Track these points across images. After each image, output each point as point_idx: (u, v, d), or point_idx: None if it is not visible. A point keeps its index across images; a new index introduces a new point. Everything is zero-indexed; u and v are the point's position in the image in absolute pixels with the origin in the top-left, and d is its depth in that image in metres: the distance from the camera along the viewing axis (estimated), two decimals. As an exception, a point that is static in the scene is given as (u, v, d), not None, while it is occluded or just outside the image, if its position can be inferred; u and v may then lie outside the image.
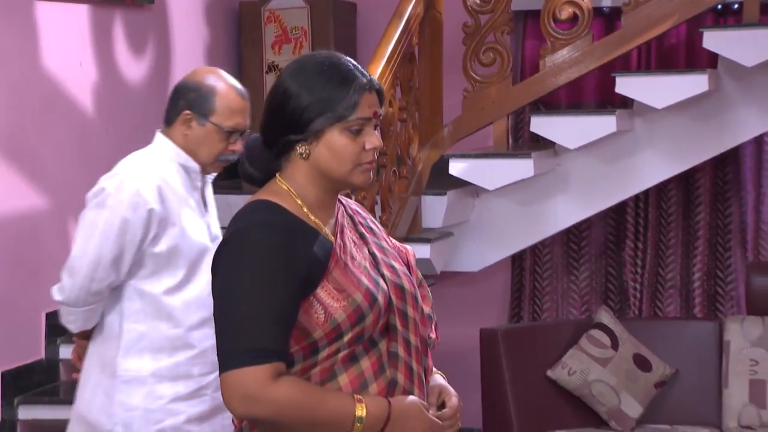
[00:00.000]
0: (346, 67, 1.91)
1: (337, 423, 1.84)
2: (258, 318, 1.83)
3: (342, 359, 1.88)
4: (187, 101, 2.70)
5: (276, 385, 1.81)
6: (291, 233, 1.86)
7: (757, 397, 4.34)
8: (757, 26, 4.30)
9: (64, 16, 4.15)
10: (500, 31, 4.58)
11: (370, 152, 1.91)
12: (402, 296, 1.95)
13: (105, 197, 2.66)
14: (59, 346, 3.98)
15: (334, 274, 1.88)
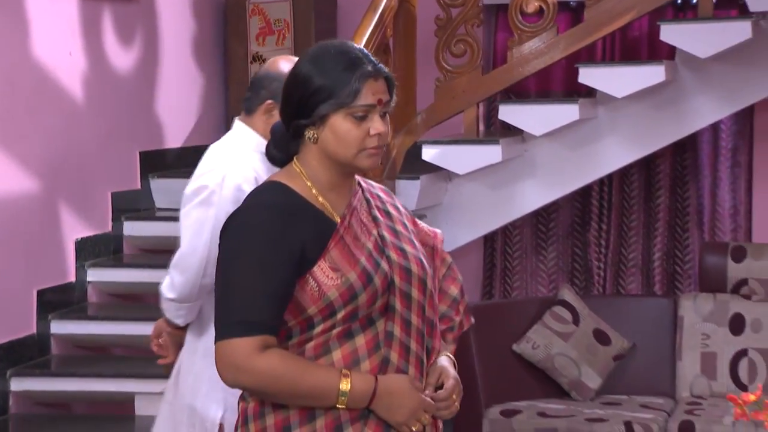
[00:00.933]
0: (353, 55, 1.88)
1: (321, 396, 1.82)
2: (250, 293, 1.82)
3: (337, 335, 1.86)
4: (270, 91, 2.59)
5: (261, 356, 1.80)
6: (291, 214, 1.86)
7: (708, 369, 4.36)
8: (710, 20, 4.30)
9: (54, 8, 4.12)
10: (470, 23, 4.55)
11: (374, 138, 1.86)
12: (407, 278, 1.90)
13: (209, 195, 2.54)
14: (50, 322, 3.97)
15: (332, 254, 1.85)
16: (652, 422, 4.02)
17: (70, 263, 4.15)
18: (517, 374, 4.38)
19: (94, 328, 4.04)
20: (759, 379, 4.27)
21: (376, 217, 1.95)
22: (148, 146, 4.75)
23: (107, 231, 4.38)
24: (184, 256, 2.56)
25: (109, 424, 3.77)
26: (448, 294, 2.04)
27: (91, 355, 4.12)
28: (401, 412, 1.84)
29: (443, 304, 2.03)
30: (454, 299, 2.04)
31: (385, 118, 1.89)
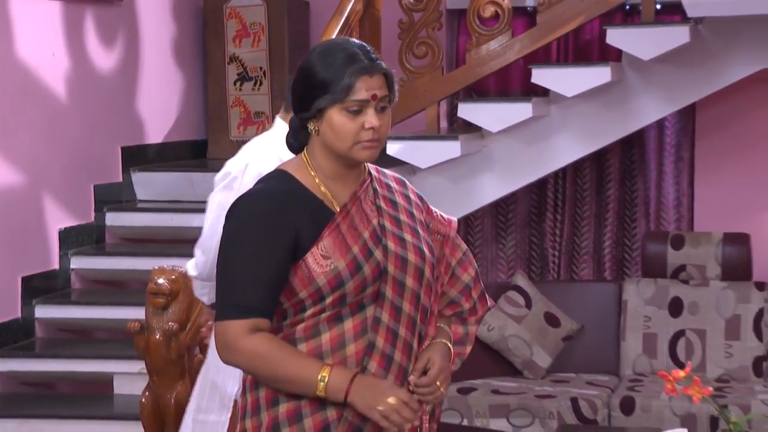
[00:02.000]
0: (350, 51, 1.84)
1: (300, 381, 1.79)
2: (244, 278, 1.81)
3: (326, 318, 1.83)
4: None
5: (248, 338, 1.79)
6: (288, 202, 1.84)
7: (649, 349, 4.39)
8: (652, 25, 4.31)
9: (37, 11, 4.09)
10: (431, 27, 4.56)
11: (369, 131, 1.82)
12: (403, 267, 1.86)
13: (231, 180, 2.54)
14: (34, 307, 3.96)
15: (325, 242, 1.82)
16: (596, 398, 4.05)
17: (53, 251, 4.14)
18: (473, 354, 4.28)
19: (76, 312, 4.04)
20: (695, 358, 4.31)
21: (380, 207, 1.89)
22: (130, 142, 4.74)
23: (90, 221, 4.37)
24: (206, 237, 2.55)
25: (90, 402, 3.76)
26: (461, 280, 1.98)
27: (74, 337, 4.11)
28: (378, 402, 1.77)
29: (454, 290, 1.97)
30: (466, 285, 1.98)
31: (384, 112, 1.85)
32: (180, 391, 2.71)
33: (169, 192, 4.68)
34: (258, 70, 5.21)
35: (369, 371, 1.81)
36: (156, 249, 4.33)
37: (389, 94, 1.86)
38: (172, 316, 2.68)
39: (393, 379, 1.83)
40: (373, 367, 1.81)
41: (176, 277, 2.72)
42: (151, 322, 2.69)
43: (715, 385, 4.13)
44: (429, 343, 1.90)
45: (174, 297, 2.69)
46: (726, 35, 4.38)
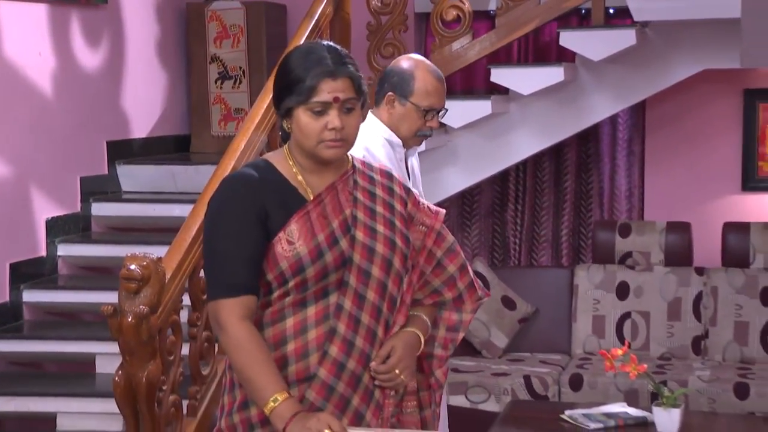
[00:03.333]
0: (318, 55, 1.82)
1: (255, 391, 1.78)
2: (228, 257, 1.80)
3: (291, 304, 1.81)
4: (391, 84, 2.62)
5: (238, 325, 1.78)
6: (262, 186, 1.82)
7: (598, 329, 4.43)
8: (601, 28, 4.34)
9: (24, 13, 4.06)
10: (397, 29, 4.56)
11: (331, 131, 1.80)
12: (369, 257, 1.83)
13: None
14: (22, 292, 3.95)
15: (291, 228, 1.80)
16: (547, 375, 4.09)
17: (41, 239, 4.11)
18: None
19: (62, 296, 4.00)
20: (640, 337, 4.35)
21: (356, 198, 1.87)
22: (115, 136, 4.71)
23: (76, 211, 4.34)
24: None
25: (74, 380, 3.74)
26: (447, 270, 1.94)
27: (60, 320, 4.09)
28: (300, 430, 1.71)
29: (438, 279, 1.94)
30: (450, 276, 1.94)
31: (350, 113, 1.82)
32: (151, 371, 2.69)
33: (152, 184, 4.66)
34: (238, 69, 5.20)
35: (330, 355, 1.79)
36: (139, 237, 4.32)
37: (355, 96, 1.83)
38: (144, 300, 2.66)
39: (355, 364, 1.80)
40: (334, 351, 1.80)
41: (147, 263, 2.70)
42: (123, 306, 2.67)
43: (658, 363, 4.18)
44: (397, 331, 1.87)
45: (145, 282, 2.67)
46: (670, 38, 4.42)
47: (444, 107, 2.68)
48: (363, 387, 1.81)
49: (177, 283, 2.91)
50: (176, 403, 2.87)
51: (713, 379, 3.90)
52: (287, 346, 1.80)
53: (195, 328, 2.99)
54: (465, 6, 4.50)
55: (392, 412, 1.86)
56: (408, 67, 2.66)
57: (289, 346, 1.80)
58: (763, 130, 5.17)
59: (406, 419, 1.93)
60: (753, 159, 5.17)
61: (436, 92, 2.65)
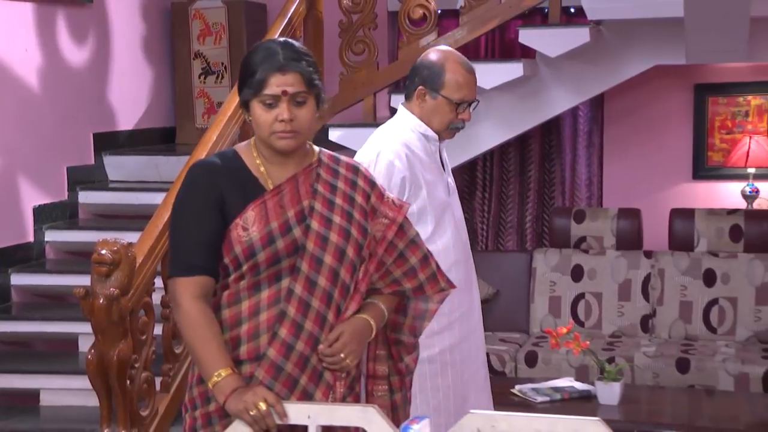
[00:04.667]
0: (271, 50, 1.82)
1: (201, 365, 1.79)
2: (187, 239, 1.81)
3: (246, 287, 1.81)
4: (422, 78, 2.49)
5: (191, 302, 1.79)
6: (222, 174, 1.82)
7: (554, 310, 4.45)
8: (557, 26, 4.34)
9: (10, 11, 4.03)
10: (367, 27, 4.54)
11: (281, 123, 1.80)
12: (322, 246, 1.82)
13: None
14: (10, 275, 3.95)
15: (247, 215, 1.80)
16: (505, 353, 4.11)
17: (28, 226, 4.10)
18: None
19: (49, 279, 3.98)
20: (593, 317, 4.37)
21: (316, 190, 1.86)
22: (102, 128, 4.70)
23: (63, 199, 4.33)
24: None
25: (57, 358, 3.73)
26: (408, 262, 1.92)
27: (46, 302, 4.09)
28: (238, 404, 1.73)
29: (399, 270, 1.92)
30: (411, 267, 1.92)
31: (302, 106, 1.81)
32: (122, 349, 2.70)
33: (137, 173, 4.66)
34: (220, 65, 5.20)
35: (279, 336, 1.79)
36: (123, 224, 4.31)
37: (305, 90, 1.81)
38: (114, 283, 2.67)
39: (303, 345, 1.80)
40: (283, 332, 1.80)
41: (118, 248, 2.71)
42: (95, 288, 2.68)
43: (608, 340, 4.21)
44: (350, 316, 1.85)
45: (116, 266, 2.68)
46: (623, 36, 4.42)
47: (476, 99, 2.54)
48: (311, 368, 1.81)
49: (149, 267, 2.91)
50: (149, 380, 2.89)
51: (657, 355, 3.94)
52: (241, 327, 1.80)
53: (168, 310, 2.99)
54: (431, 5, 4.49)
55: (344, 393, 1.85)
56: (438, 60, 2.52)
57: (243, 327, 1.80)
58: (712, 122, 5.21)
59: (377, 402, 1.92)
60: (703, 149, 5.21)
61: (467, 85, 2.50)
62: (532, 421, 1.50)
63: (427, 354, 2.37)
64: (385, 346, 1.97)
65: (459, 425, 1.53)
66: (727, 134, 5.18)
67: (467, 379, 2.44)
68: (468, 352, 2.47)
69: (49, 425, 3.33)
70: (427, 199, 2.42)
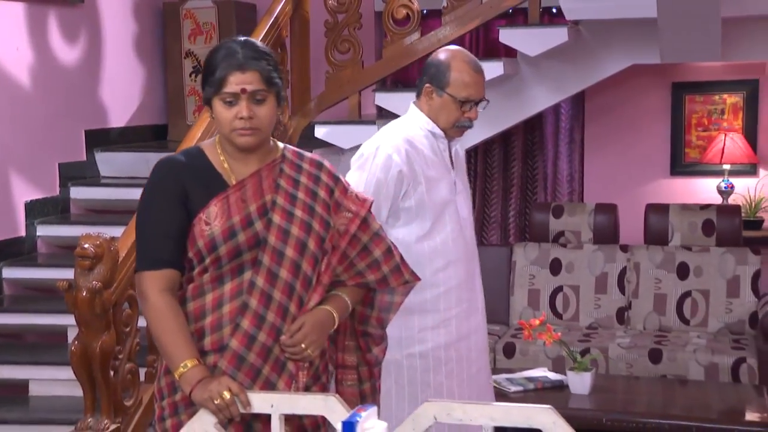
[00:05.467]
0: (231, 50, 1.81)
1: (168, 357, 1.79)
2: (152, 234, 1.81)
3: (210, 280, 1.81)
4: (429, 76, 2.47)
5: (158, 295, 1.79)
6: (184, 172, 1.82)
7: (533, 302, 4.45)
8: (537, 26, 4.34)
9: (1, 11, 4.05)
10: (352, 27, 4.54)
11: (241, 120, 1.80)
12: (284, 239, 1.81)
13: (364, 161, 2.41)
14: (2, 269, 3.95)
15: (210, 210, 1.80)
16: (484, 344, 4.12)
17: (20, 220, 4.11)
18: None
19: (41, 273, 3.98)
20: (571, 309, 4.38)
21: (279, 185, 1.85)
22: (93, 125, 4.70)
23: (55, 194, 4.34)
24: None
25: (47, 350, 3.73)
26: (372, 255, 1.91)
27: (38, 295, 4.08)
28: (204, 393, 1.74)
29: (363, 263, 1.91)
30: (375, 260, 1.91)
31: (262, 104, 1.81)
32: (105, 341, 2.71)
33: (128, 169, 4.65)
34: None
35: (242, 328, 1.79)
36: (114, 219, 4.29)
37: (264, 88, 1.81)
38: (97, 276, 2.68)
39: (265, 336, 1.80)
40: (245, 324, 1.80)
41: (101, 242, 2.72)
42: (78, 281, 2.69)
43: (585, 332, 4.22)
44: (312, 307, 1.84)
45: (99, 260, 2.69)
46: (601, 35, 4.42)
47: (483, 98, 2.50)
48: (274, 358, 1.80)
49: (132, 261, 2.90)
50: (132, 371, 2.89)
51: (631, 346, 3.95)
52: (206, 319, 1.81)
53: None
54: (414, 5, 4.49)
55: (308, 383, 1.84)
56: (444, 59, 2.48)
57: (207, 318, 1.80)
58: (689, 120, 5.22)
59: (345, 391, 1.93)
60: (680, 146, 5.22)
61: (473, 84, 2.46)
62: (486, 410, 1.51)
63: (419, 349, 2.37)
64: (354, 337, 1.97)
65: (416, 414, 1.54)
66: (703, 131, 5.19)
67: (466, 379, 2.41)
68: (467, 353, 2.43)
69: (38, 415, 3.33)
70: (426, 195, 2.40)
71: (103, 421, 2.73)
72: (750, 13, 4.05)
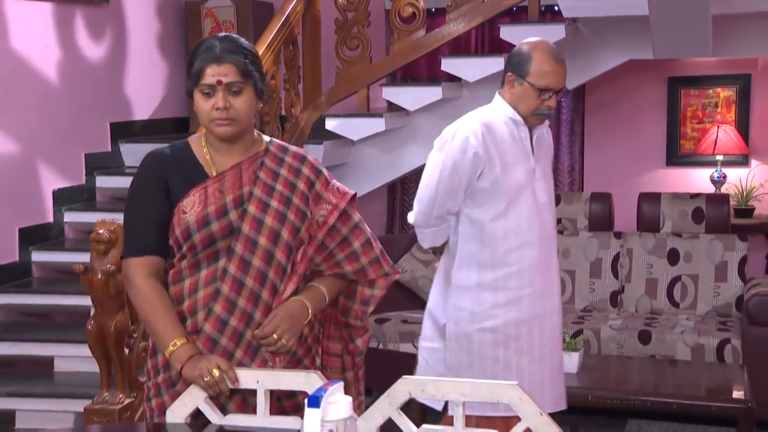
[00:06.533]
0: (209, 44, 1.80)
1: (157, 337, 1.80)
2: (137, 223, 1.82)
3: (188, 266, 1.81)
4: (511, 65, 2.44)
5: (143, 280, 1.79)
6: (168, 164, 1.82)
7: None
8: (536, 23, 4.31)
9: (30, 11, 4.07)
10: (361, 24, 4.54)
11: (217, 111, 1.78)
12: (257, 228, 1.79)
13: (443, 143, 2.42)
14: (31, 252, 4.00)
15: (188, 200, 1.79)
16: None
17: (48, 208, 4.17)
18: (390, 292, 4.32)
19: (67, 257, 3.99)
20: (567, 293, 4.35)
21: (258, 176, 1.83)
22: (118, 118, 4.74)
23: (81, 183, 4.39)
24: (420, 189, 2.45)
25: (71, 328, 3.76)
26: (351, 246, 1.89)
27: (65, 278, 4.12)
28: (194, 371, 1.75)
29: (342, 254, 1.88)
30: (354, 251, 1.88)
31: (238, 96, 1.79)
32: (119, 320, 2.75)
33: (151, 159, 4.70)
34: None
35: (214, 313, 1.78)
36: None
37: (240, 80, 1.79)
38: (111, 260, 2.71)
39: (237, 321, 1.78)
40: (217, 309, 1.78)
41: (115, 228, 2.75)
42: (94, 265, 2.73)
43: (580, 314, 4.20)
44: (287, 297, 1.81)
45: (113, 244, 2.72)
46: (598, 32, 4.39)
47: (563, 88, 2.45)
48: (246, 342, 1.79)
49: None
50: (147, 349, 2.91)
51: (622, 328, 3.93)
52: (184, 303, 1.81)
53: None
54: (419, 4, 4.49)
55: (286, 367, 1.81)
56: (526, 50, 2.44)
57: (185, 303, 1.80)
58: (684, 112, 5.17)
59: (329, 377, 1.89)
60: (676, 138, 5.18)
61: (553, 73, 2.41)
62: (457, 386, 1.52)
63: (490, 324, 2.37)
64: (337, 327, 1.95)
65: (392, 389, 1.55)
66: (698, 124, 5.14)
67: (538, 358, 2.39)
68: (539, 333, 2.40)
69: (61, 389, 3.39)
70: (501, 177, 2.38)
71: (117, 396, 2.76)
72: (741, 10, 4.00)
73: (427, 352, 2.51)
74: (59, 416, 3.29)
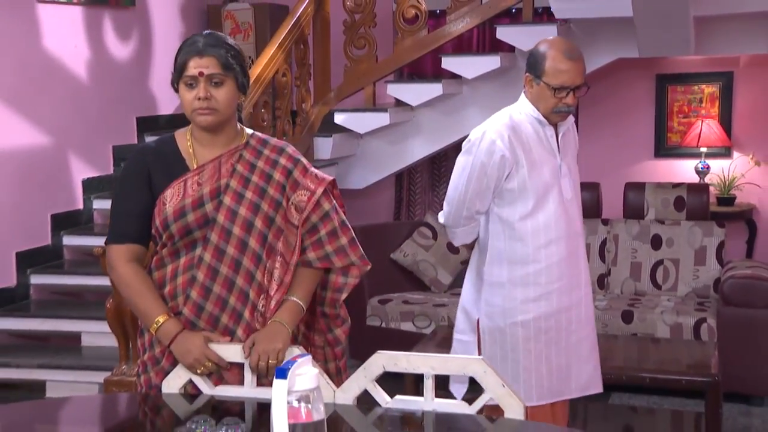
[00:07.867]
0: (193, 39, 1.79)
1: (143, 315, 1.79)
2: (120, 212, 1.82)
3: (169, 254, 1.80)
4: (529, 66, 2.34)
5: (124, 264, 1.79)
6: (151, 157, 1.80)
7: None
8: (529, 23, 4.30)
9: (61, 13, 4.11)
10: (368, 25, 4.56)
11: (199, 101, 1.76)
12: (232, 219, 1.78)
13: (471, 146, 2.34)
14: (62, 237, 4.04)
15: (168, 192, 1.78)
16: (477, 306, 4.12)
17: (78, 195, 4.22)
18: (393, 274, 4.40)
19: (96, 241, 4.01)
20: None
21: (235, 169, 1.80)
22: (144, 113, 4.79)
23: (109, 173, 4.44)
24: (450, 191, 2.40)
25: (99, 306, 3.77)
26: (318, 234, 1.84)
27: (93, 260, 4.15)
28: (186, 357, 1.75)
29: (330, 247, 1.84)
30: (319, 238, 1.84)
31: (220, 87, 1.76)
32: (137, 298, 2.79)
33: (174, 151, 4.73)
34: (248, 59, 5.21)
35: (191, 298, 1.77)
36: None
37: (221, 72, 1.76)
38: (129, 243, 2.75)
39: (212, 306, 1.77)
40: (194, 294, 1.77)
41: (132, 214, 2.78)
42: (113, 247, 2.76)
43: (568, 297, 4.19)
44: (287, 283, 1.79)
45: (130, 229, 2.76)
46: (589, 32, 4.37)
47: (582, 84, 2.29)
48: (222, 326, 1.79)
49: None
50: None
51: (608, 308, 3.93)
52: (165, 288, 1.81)
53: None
54: (422, 6, 4.48)
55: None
56: (542, 49, 2.33)
57: (166, 288, 1.80)
58: (671, 107, 5.14)
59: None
60: (663, 131, 5.15)
61: (567, 71, 2.27)
62: (427, 360, 1.54)
63: (521, 318, 2.32)
64: (315, 317, 1.92)
65: (368, 362, 1.57)
66: (684, 118, 5.10)
67: (565, 347, 2.34)
68: (567, 324, 2.34)
69: (87, 362, 3.46)
70: (528, 178, 2.29)
71: (134, 369, 2.81)
72: (723, 11, 3.96)
73: (459, 344, 2.49)
74: (85, 386, 3.35)
